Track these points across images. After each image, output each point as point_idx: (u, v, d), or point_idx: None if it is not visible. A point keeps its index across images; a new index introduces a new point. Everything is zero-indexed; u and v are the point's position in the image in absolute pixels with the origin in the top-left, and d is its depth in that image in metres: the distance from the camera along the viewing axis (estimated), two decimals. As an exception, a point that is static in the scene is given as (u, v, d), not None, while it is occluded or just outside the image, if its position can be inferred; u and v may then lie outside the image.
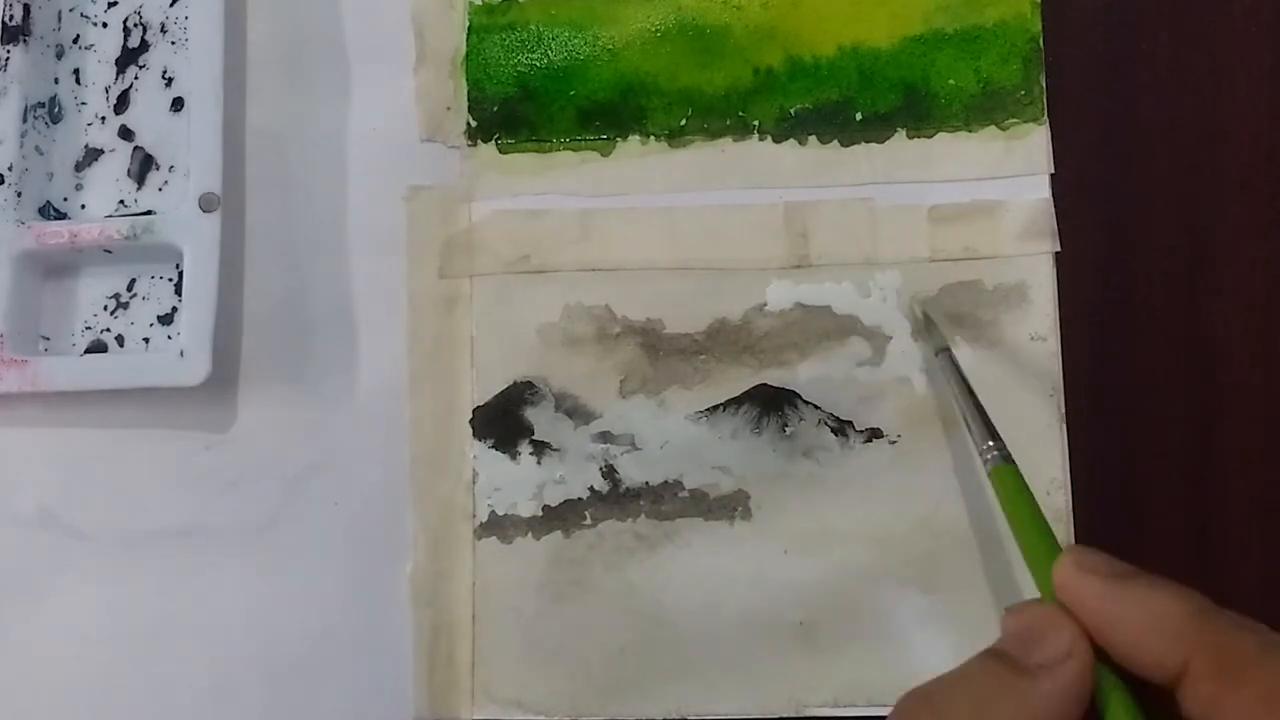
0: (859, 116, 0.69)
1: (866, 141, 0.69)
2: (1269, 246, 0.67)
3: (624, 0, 0.70)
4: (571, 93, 0.70)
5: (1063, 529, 0.65)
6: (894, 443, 0.66)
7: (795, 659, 0.65)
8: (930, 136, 0.68)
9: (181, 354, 0.66)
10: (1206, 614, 0.46)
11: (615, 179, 0.69)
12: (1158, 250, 0.67)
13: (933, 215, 0.68)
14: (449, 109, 0.70)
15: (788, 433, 0.66)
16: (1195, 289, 0.67)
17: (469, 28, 0.71)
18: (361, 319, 0.69)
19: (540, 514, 0.67)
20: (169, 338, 0.69)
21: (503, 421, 0.68)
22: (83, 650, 0.68)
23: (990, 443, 0.59)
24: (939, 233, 0.67)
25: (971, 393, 0.62)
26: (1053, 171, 0.67)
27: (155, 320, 0.70)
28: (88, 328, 0.70)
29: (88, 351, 0.70)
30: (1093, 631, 0.48)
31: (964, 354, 0.66)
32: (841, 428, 0.66)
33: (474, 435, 0.68)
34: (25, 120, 0.69)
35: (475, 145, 0.70)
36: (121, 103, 0.72)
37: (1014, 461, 0.57)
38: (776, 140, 0.69)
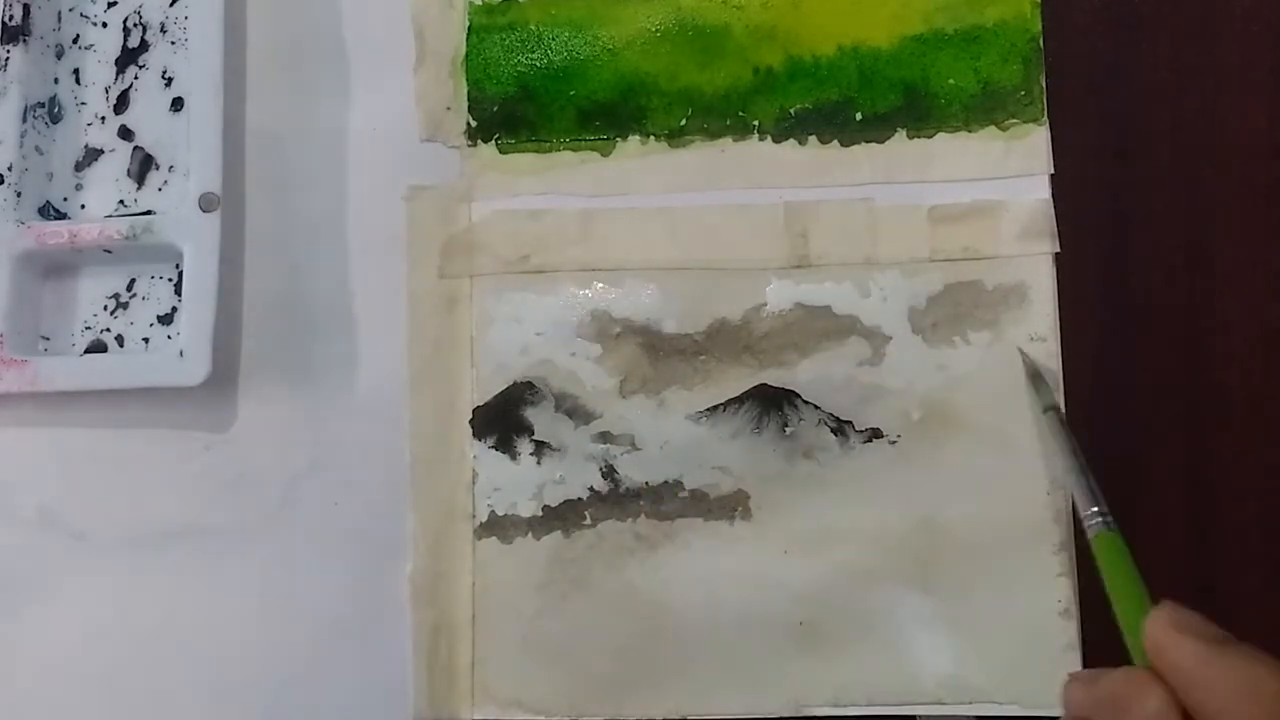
0: (859, 116, 0.69)
1: (866, 141, 0.69)
2: (1269, 246, 0.67)
3: (624, 0, 0.70)
4: (571, 93, 0.70)
5: (1062, 529, 0.65)
6: (894, 443, 0.66)
7: (795, 659, 0.65)
8: (930, 136, 0.68)
9: (181, 354, 0.66)
10: None
11: (615, 179, 0.69)
12: (1158, 250, 0.67)
13: (933, 215, 0.68)
14: (449, 109, 0.70)
15: (788, 433, 0.66)
16: (1195, 289, 0.67)
17: (469, 28, 0.71)
18: (361, 319, 0.69)
19: (540, 514, 0.67)
20: (169, 338, 0.69)
21: (503, 421, 0.68)
22: (83, 650, 0.68)
23: (1094, 508, 0.58)
24: (939, 233, 0.67)
25: (1078, 456, 0.61)
26: (1053, 171, 0.67)
27: (155, 320, 0.70)
28: (87, 328, 0.70)
29: (87, 351, 0.70)
30: (1182, 694, 0.47)
31: (964, 354, 0.66)
32: (841, 428, 0.66)
33: (474, 435, 0.68)
34: (25, 120, 0.69)
35: (475, 145, 0.70)
36: (121, 103, 0.72)
37: (1118, 529, 0.57)
38: (776, 140, 0.69)
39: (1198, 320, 0.67)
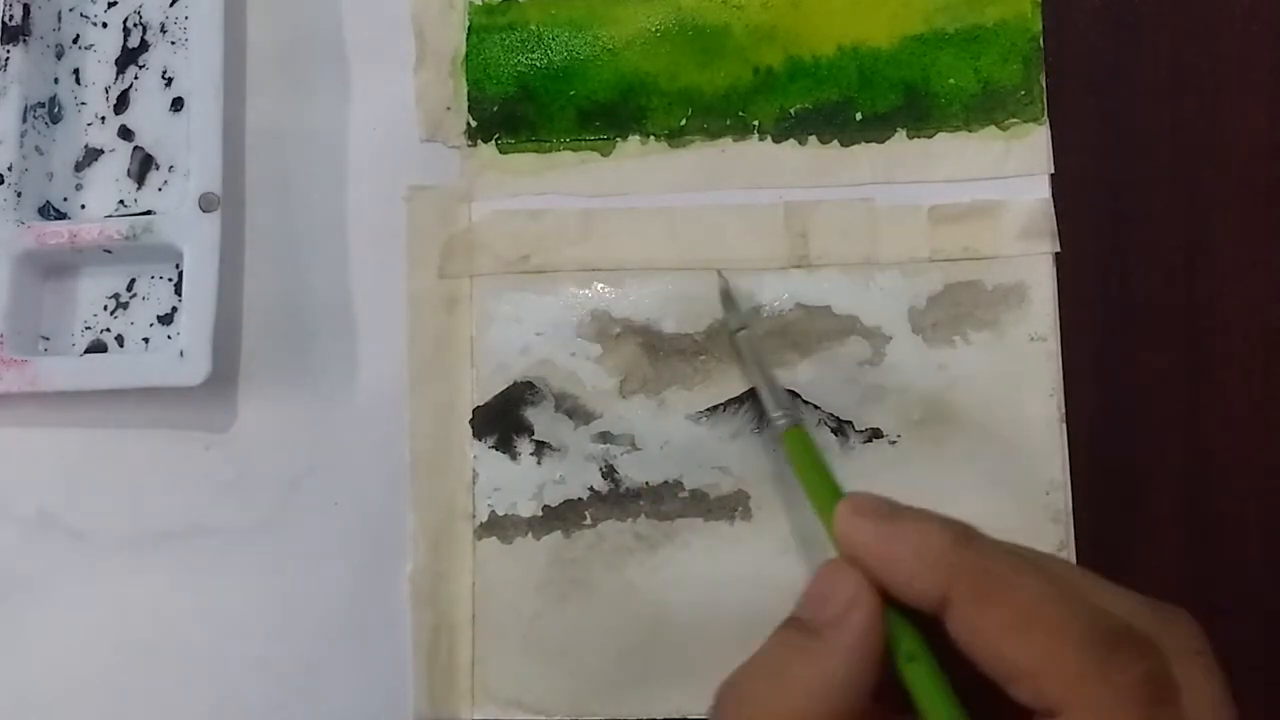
0: (859, 116, 0.69)
1: (866, 141, 0.69)
2: (1269, 246, 0.67)
3: (624, 0, 0.70)
4: (571, 93, 0.70)
5: (1062, 529, 0.65)
6: (894, 443, 0.66)
7: (795, 659, 0.65)
8: (930, 136, 0.68)
9: (181, 354, 0.65)
10: (968, 540, 0.48)
11: (615, 179, 0.69)
12: (1158, 250, 0.67)
13: (933, 215, 0.68)
14: (449, 109, 0.70)
15: (788, 433, 0.66)
16: (1195, 289, 0.67)
17: (469, 28, 0.71)
18: (361, 319, 0.69)
19: (540, 514, 0.67)
20: (169, 338, 0.69)
21: (503, 421, 0.68)
22: (82, 650, 0.68)
23: (781, 411, 0.61)
24: (939, 233, 0.67)
25: (765, 367, 0.64)
26: (1053, 171, 0.68)
27: (155, 320, 0.70)
28: (87, 328, 0.70)
29: (87, 351, 0.70)
30: (872, 573, 0.49)
31: (964, 354, 0.66)
32: (841, 428, 0.66)
33: (474, 435, 0.68)
34: (25, 120, 0.69)
35: (475, 145, 0.70)
36: (121, 103, 0.72)
37: (801, 424, 0.60)
38: (776, 140, 0.69)
39: (1198, 320, 0.67)
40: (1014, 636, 0.45)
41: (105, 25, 0.72)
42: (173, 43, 0.72)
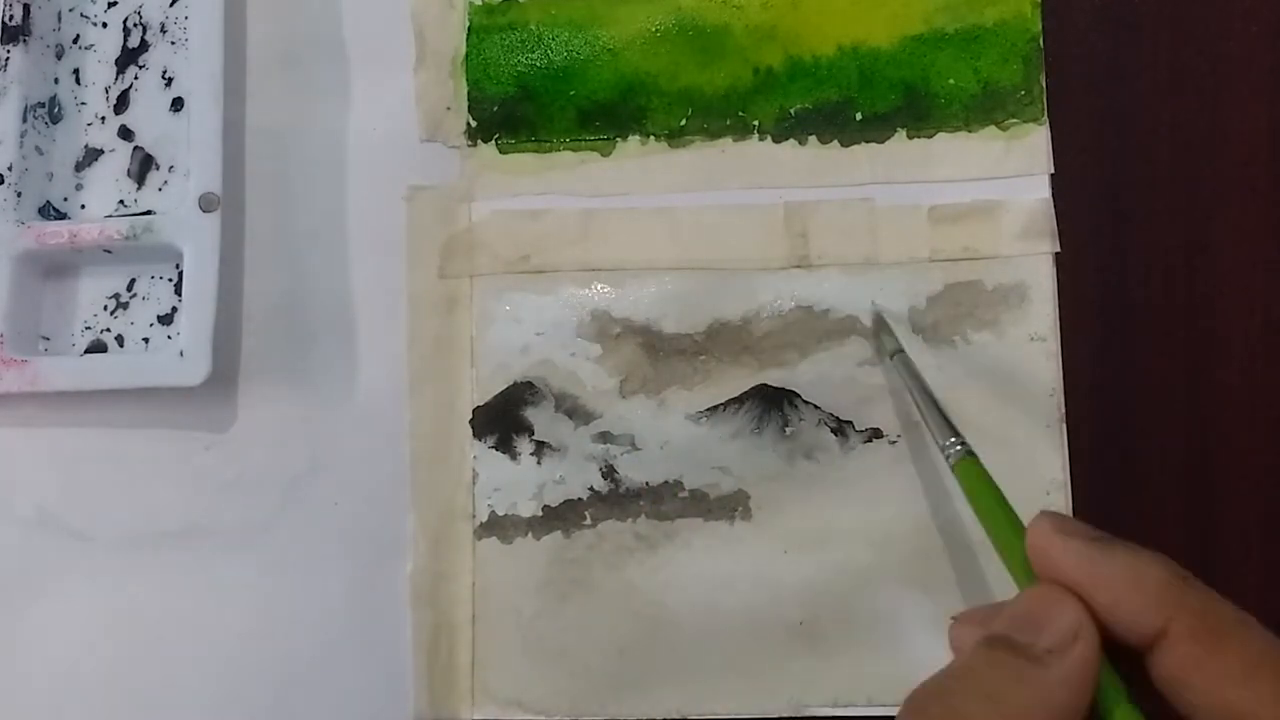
0: (859, 116, 0.69)
1: (866, 141, 0.69)
2: (1269, 246, 0.67)
3: (624, 0, 0.70)
4: (571, 93, 0.70)
5: (1062, 529, 0.65)
6: (894, 443, 0.66)
7: (795, 659, 0.65)
8: (930, 136, 0.68)
9: (181, 354, 0.66)
10: (1186, 579, 0.46)
11: (615, 179, 0.69)
12: (1158, 250, 0.67)
13: (933, 215, 0.68)
14: (449, 109, 0.70)
15: (788, 433, 0.66)
16: (1195, 289, 0.67)
17: (469, 28, 0.71)
18: (361, 319, 0.69)
19: (540, 514, 0.67)
20: (169, 338, 0.69)
21: (503, 421, 0.68)
22: (82, 650, 0.68)
23: (952, 439, 0.58)
24: (939, 233, 0.67)
25: (929, 391, 0.62)
26: (1053, 171, 0.67)
27: (155, 320, 0.70)
28: (87, 328, 0.70)
29: (87, 351, 0.70)
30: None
31: (964, 354, 0.66)
32: (841, 428, 0.66)
33: (474, 435, 0.68)
34: (25, 120, 0.69)
35: (475, 145, 0.70)
36: (121, 103, 0.72)
37: (974, 455, 0.57)
38: (776, 140, 0.69)
39: (1198, 320, 0.67)
40: (1243, 683, 0.44)
41: (105, 25, 0.72)
42: (173, 43, 0.72)
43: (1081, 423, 0.66)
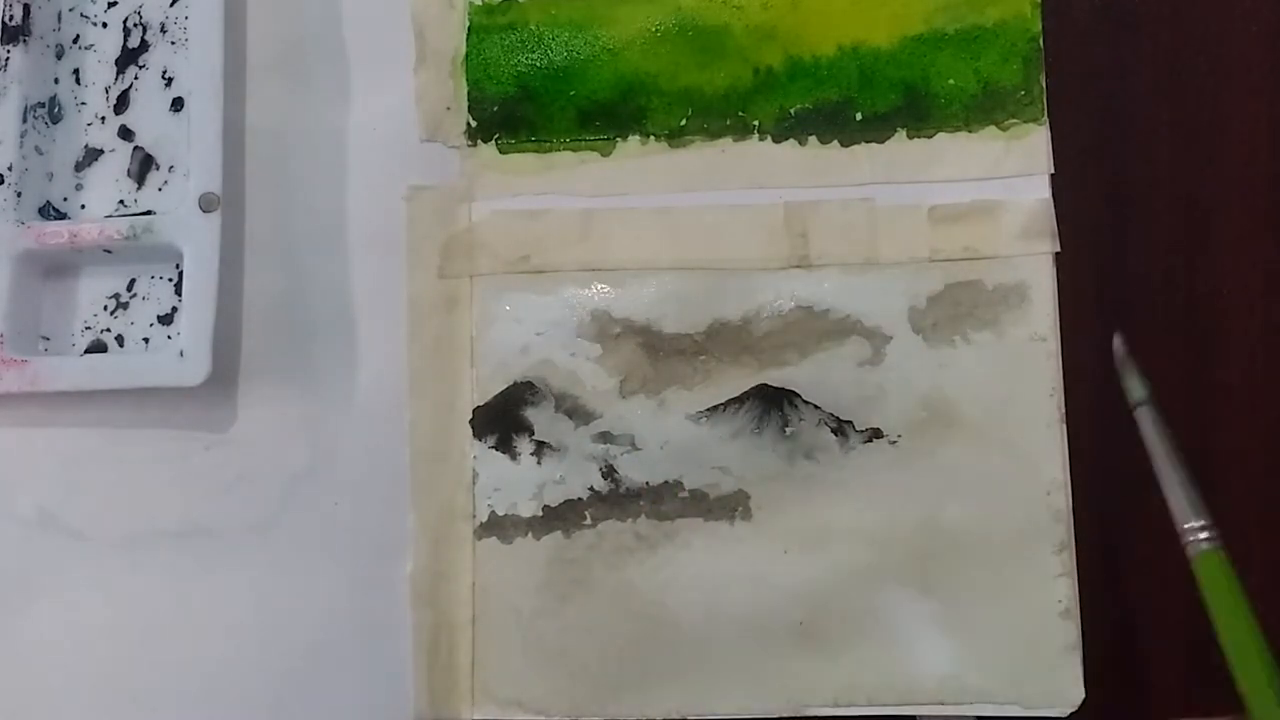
0: (859, 116, 0.69)
1: (866, 141, 0.68)
2: (1269, 246, 0.67)
3: (624, 0, 0.70)
4: (571, 93, 0.70)
5: (1063, 529, 0.65)
6: (894, 443, 0.66)
7: (795, 659, 0.65)
8: (930, 136, 0.68)
9: (181, 354, 0.66)
10: None
11: (615, 179, 0.69)
12: (1158, 250, 0.68)
13: (933, 215, 0.67)
14: (449, 109, 0.70)
15: (788, 433, 0.66)
16: (1195, 289, 0.67)
17: (469, 28, 0.71)
18: (361, 319, 0.69)
19: (540, 514, 0.67)
20: (169, 338, 0.69)
21: (503, 421, 0.68)
22: (82, 650, 0.68)
23: (1196, 522, 0.56)
24: (939, 233, 0.67)
25: (1176, 456, 0.59)
26: (1053, 171, 0.67)
27: (155, 320, 0.70)
28: (87, 328, 0.70)
29: (87, 351, 0.70)
30: None
31: (964, 354, 0.66)
32: (841, 428, 0.66)
33: (474, 435, 0.68)
34: (25, 120, 0.70)
35: (475, 145, 0.70)
36: (121, 103, 0.72)
37: (1222, 547, 0.55)
38: (776, 140, 0.69)
39: (1198, 320, 0.67)
40: None
41: (105, 25, 0.73)
42: (173, 43, 0.72)
43: (1081, 423, 0.66)
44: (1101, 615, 0.64)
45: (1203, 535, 0.56)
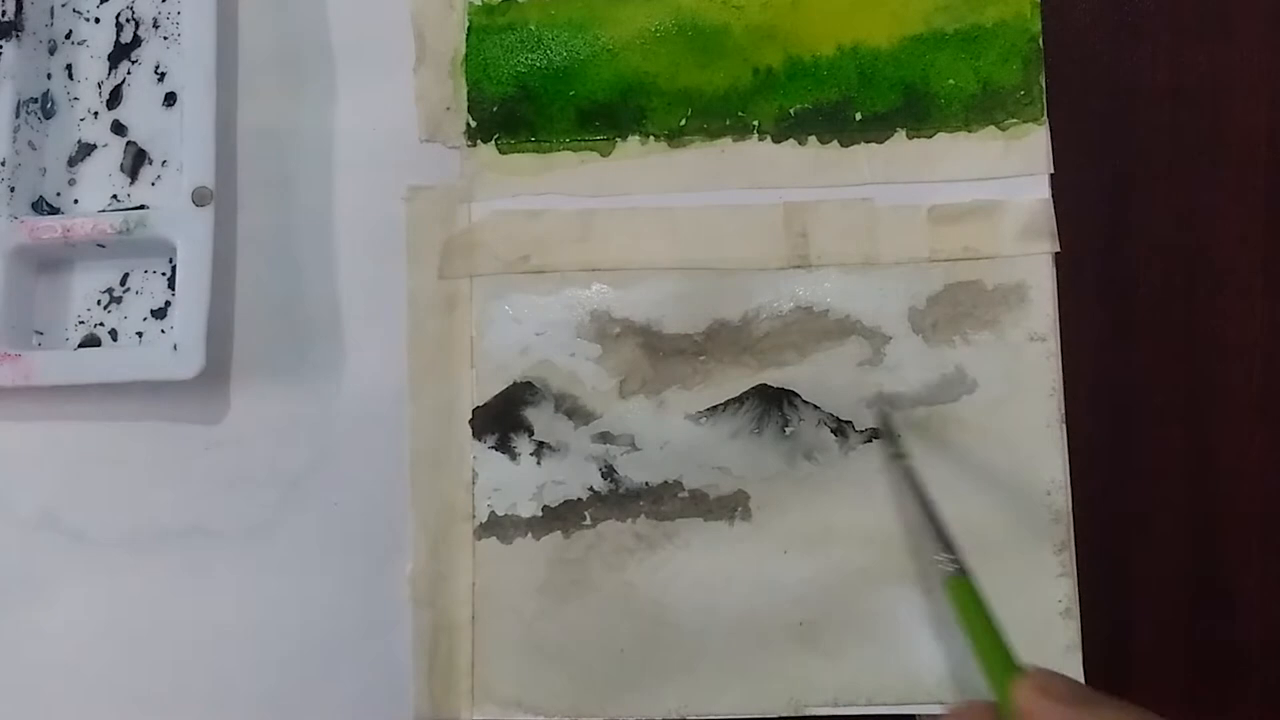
0: (859, 116, 0.69)
1: (866, 141, 0.69)
2: (1269, 246, 0.67)
3: (624, 0, 0.70)
4: (571, 93, 0.70)
5: (1063, 529, 0.65)
6: (894, 443, 0.67)
7: (795, 659, 0.65)
8: (930, 136, 0.68)
9: (175, 347, 0.66)
10: None
11: (615, 179, 0.69)
12: (1158, 250, 0.68)
13: (933, 215, 0.68)
14: (449, 109, 0.70)
15: (788, 433, 0.66)
16: (1195, 289, 0.67)
17: (469, 28, 0.71)
18: (361, 319, 0.69)
19: (540, 514, 0.67)
20: (162, 332, 0.69)
21: (503, 422, 0.68)
22: (82, 650, 0.68)
23: (946, 554, 0.59)
24: (939, 233, 0.67)
25: (926, 502, 0.62)
26: (1052, 171, 0.67)
27: (149, 314, 0.70)
28: (81, 322, 0.70)
29: (81, 346, 0.70)
30: None
31: (964, 354, 0.66)
32: (841, 428, 0.67)
33: (474, 435, 0.68)
34: (18, 115, 0.69)
35: (475, 145, 0.70)
36: (114, 98, 0.72)
37: (967, 574, 0.57)
38: (776, 140, 0.69)
39: (1198, 321, 0.67)
40: None
41: (98, 21, 0.72)
42: (165, 38, 0.72)
43: (1081, 423, 0.66)
44: (1101, 615, 0.65)
45: (952, 565, 0.58)
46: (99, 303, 0.70)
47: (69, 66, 0.72)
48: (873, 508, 0.66)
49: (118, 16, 0.72)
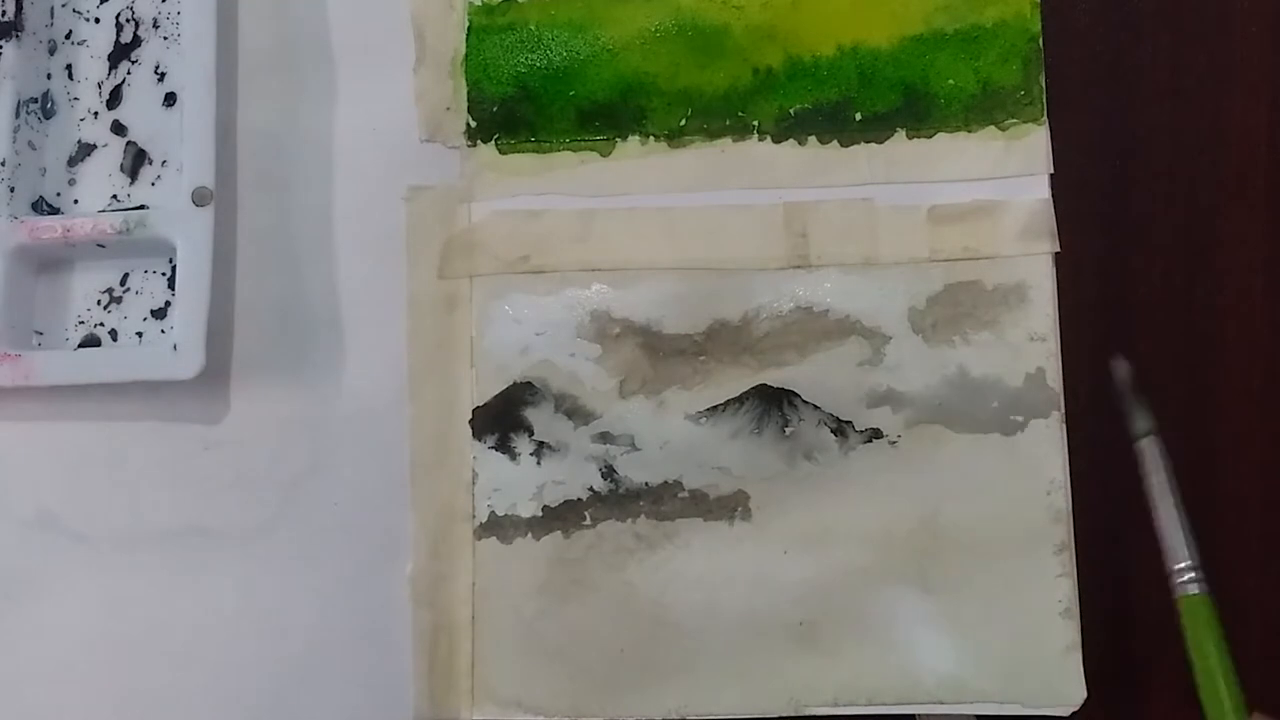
0: (858, 116, 0.69)
1: (866, 141, 0.68)
2: (1269, 246, 0.67)
3: (624, 0, 0.70)
4: (571, 93, 0.70)
5: (1063, 529, 0.65)
6: (894, 443, 0.66)
7: (795, 659, 0.65)
8: (930, 137, 0.68)
9: (175, 348, 0.66)
10: None
11: (615, 179, 0.69)
12: (1158, 250, 0.68)
13: (933, 215, 0.67)
14: (449, 109, 0.70)
15: (788, 433, 0.66)
16: (1195, 289, 0.67)
17: (469, 28, 0.70)
18: (361, 319, 0.69)
19: (540, 514, 0.67)
20: (162, 332, 0.69)
21: (503, 422, 0.67)
22: (81, 650, 0.68)
23: (1184, 563, 0.58)
24: (939, 233, 0.67)
25: (1175, 495, 0.61)
26: (1052, 171, 0.67)
27: (149, 314, 0.70)
28: (81, 322, 0.70)
29: (81, 346, 0.70)
30: None
31: (964, 354, 0.66)
32: (841, 428, 0.66)
33: (474, 435, 0.68)
34: (18, 115, 0.69)
35: (475, 145, 0.70)
36: (114, 98, 0.72)
37: (1210, 590, 0.56)
38: (776, 140, 0.69)
39: (1197, 320, 0.67)
40: None
41: (98, 21, 0.72)
42: (165, 38, 0.72)
43: (1081, 423, 0.66)
44: (1101, 615, 0.65)
45: (1190, 576, 0.56)
46: (99, 303, 0.70)
47: (69, 66, 0.72)
48: (873, 508, 0.66)
49: (118, 16, 0.72)
